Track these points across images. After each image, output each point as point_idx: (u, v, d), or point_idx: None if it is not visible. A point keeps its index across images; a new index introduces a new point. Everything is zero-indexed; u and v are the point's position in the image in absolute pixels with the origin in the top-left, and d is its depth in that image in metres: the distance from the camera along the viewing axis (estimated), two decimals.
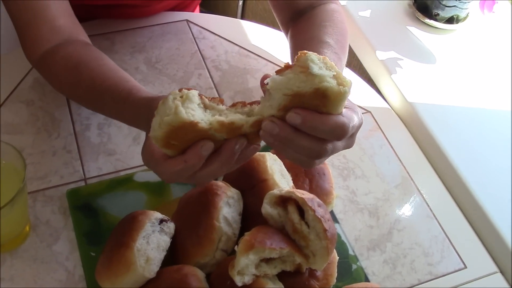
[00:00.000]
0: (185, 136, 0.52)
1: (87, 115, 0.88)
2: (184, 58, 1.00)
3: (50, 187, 0.79)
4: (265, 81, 0.52)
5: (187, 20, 1.07)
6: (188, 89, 0.52)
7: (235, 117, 0.53)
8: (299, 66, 0.51)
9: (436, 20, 1.13)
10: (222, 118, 0.52)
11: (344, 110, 0.53)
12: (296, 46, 0.79)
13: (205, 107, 0.53)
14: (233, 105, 0.54)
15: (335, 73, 0.50)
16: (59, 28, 0.79)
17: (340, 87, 0.50)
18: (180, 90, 0.52)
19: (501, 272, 0.80)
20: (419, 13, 1.15)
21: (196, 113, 0.51)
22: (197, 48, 1.02)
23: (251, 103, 0.55)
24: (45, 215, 0.76)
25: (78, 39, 0.81)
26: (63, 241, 0.74)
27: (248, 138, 0.55)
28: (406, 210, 0.84)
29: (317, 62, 0.50)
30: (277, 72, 0.52)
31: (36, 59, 0.79)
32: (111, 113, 0.76)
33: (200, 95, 0.53)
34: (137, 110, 0.67)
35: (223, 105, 0.54)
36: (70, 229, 0.75)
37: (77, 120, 0.87)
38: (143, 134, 0.86)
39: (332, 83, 0.50)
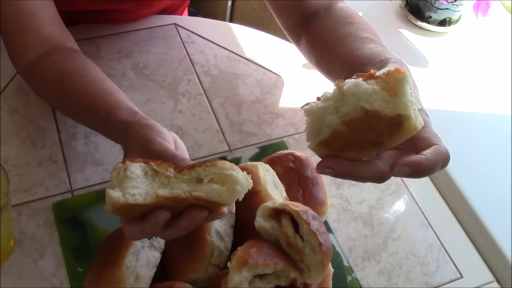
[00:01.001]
0: (138, 208, 0.51)
1: (73, 124, 0.85)
2: (173, 63, 0.98)
3: (35, 199, 0.77)
4: (340, 83, 0.48)
5: (175, 24, 1.05)
6: (132, 160, 0.52)
7: (179, 190, 0.51)
8: (386, 82, 0.46)
9: (428, 22, 1.12)
10: (164, 193, 0.51)
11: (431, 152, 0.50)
12: (326, 47, 0.76)
13: (154, 173, 0.52)
14: (180, 170, 0.53)
15: (420, 107, 0.47)
16: (46, 36, 0.77)
17: (417, 123, 0.47)
18: (124, 162, 0.51)
19: (498, 281, 0.79)
20: (411, 16, 1.13)
21: (137, 190, 0.51)
22: (185, 53, 1.00)
23: (199, 165, 0.53)
24: (30, 229, 0.74)
25: (65, 46, 0.79)
26: (49, 256, 0.72)
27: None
28: (401, 219, 0.83)
29: (410, 86, 0.46)
30: (358, 75, 0.48)
31: (22, 69, 0.78)
32: (93, 128, 0.76)
33: (145, 162, 0.52)
34: (115, 132, 0.67)
35: (173, 169, 0.53)
36: (56, 243, 0.73)
37: (62, 129, 0.85)
38: None
39: (413, 115, 0.46)
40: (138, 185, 0.51)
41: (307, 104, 0.51)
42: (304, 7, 0.81)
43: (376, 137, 0.49)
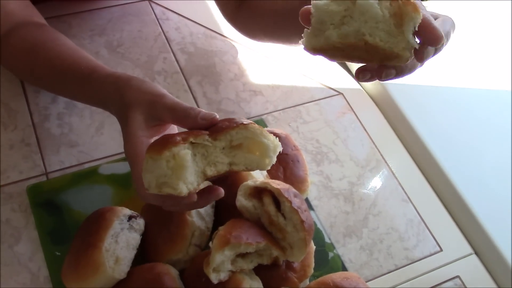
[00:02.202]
0: None
1: (46, 104, 0.83)
2: (148, 41, 0.95)
3: (9, 183, 0.74)
4: None
5: (149, 0, 1.02)
6: (174, 143, 0.50)
7: (222, 166, 0.53)
8: (400, 9, 0.47)
9: None
10: (212, 173, 0.53)
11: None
12: (269, 6, 0.75)
13: (193, 148, 0.52)
14: (215, 136, 0.53)
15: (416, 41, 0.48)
16: (11, 12, 0.75)
17: (410, 57, 0.49)
18: (164, 146, 0.50)
19: (476, 253, 0.80)
20: None
21: (188, 179, 0.51)
22: (160, 30, 0.97)
23: (231, 127, 0.53)
24: (4, 213, 0.71)
25: (32, 21, 0.77)
26: (25, 241, 0.70)
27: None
28: (381, 195, 0.83)
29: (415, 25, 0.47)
30: None
31: None
32: (73, 93, 0.73)
33: (184, 139, 0.51)
34: (101, 87, 0.65)
35: (208, 137, 0.53)
36: (32, 228, 0.71)
37: (35, 110, 0.82)
38: (106, 124, 0.82)
39: (409, 54, 0.48)
40: (189, 177, 0.51)
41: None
42: None
43: (367, 57, 0.50)
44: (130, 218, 0.65)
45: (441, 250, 0.79)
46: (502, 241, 0.79)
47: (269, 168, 0.55)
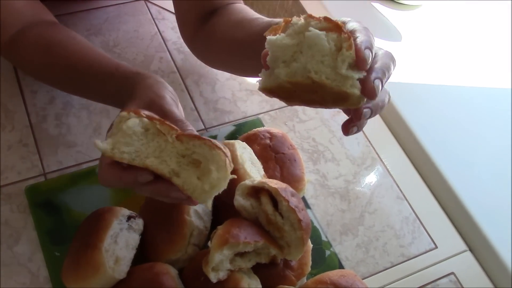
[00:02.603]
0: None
1: (43, 105, 0.83)
2: (144, 40, 0.96)
3: (7, 184, 0.75)
4: (309, 19, 0.47)
5: (144, 0, 1.02)
6: (137, 112, 0.52)
7: (164, 168, 0.52)
8: (342, 42, 0.45)
9: None
10: (151, 165, 0.52)
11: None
12: (225, 37, 0.75)
13: (156, 132, 0.52)
14: (180, 138, 0.53)
15: (362, 76, 0.46)
16: (20, 10, 0.74)
17: (362, 99, 0.46)
18: (129, 111, 0.52)
19: (470, 250, 0.81)
20: None
21: (129, 148, 0.51)
22: (157, 30, 0.98)
23: (198, 137, 0.52)
24: (3, 214, 0.72)
25: (43, 19, 0.77)
26: (24, 241, 0.70)
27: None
28: (376, 192, 0.84)
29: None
30: (326, 19, 0.47)
31: (2, 46, 0.75)
32: (93, 92, 0.73)
33: (151, 118, 0.52)
34: (125, 84, 0.65)
35: (174, 135, 0.53)
36: (31, 228, 0.71)
37: (32, 111, 0.82)
38: (104, 124, 0.83)
39: (358, 92, 0.46)
40: (133, 142, 0.51)
41: (274, 30, 0.49)
42: (203, 6, 0.79)
43: (320, 100, 0.49)
44: (129, 218, 0.65)
45: (436, 247, 0.80)
46: (496, 238, 0.80)
47: (201, 201, 0.53)
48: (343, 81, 0.45)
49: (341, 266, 0.75)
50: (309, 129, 0.89)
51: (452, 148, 0.91)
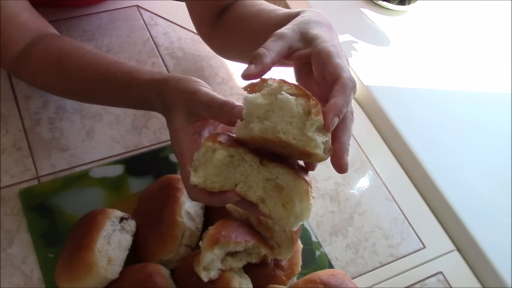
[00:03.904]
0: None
1: (37, 109, 0.84)
2: (136, 46, 0.97)
3: (1, 187, 0.75)
4: (281, 83, 0.50)
5: (137, 6, 1.03)
6: (221, 143, 0.53)
7: (253, 195, 0.54)
8: (309, 109, 0.49)
9: (388, 1, 1.14)
10: (240, 190, 0.54)
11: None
12: (242, 29, 0.75)
13: (240, 158, 0.55)
14: (264, 163, 0.55)
15: (328, 139, 0.50)
16: (25, 24, 0.74)
17: (326, 156, 0.50)
18: (213, 140, 0.53)
19: (458, 249, 0.83)
20: None
21: (218, 177, 0.54)
22: (149, 35, 0.99)
23: (281, 166, 0.54)
24: None
25: (48, 32, 0.77)
26: (18, 243, 0.71)
27: None
28: (366, 194, 0.86)
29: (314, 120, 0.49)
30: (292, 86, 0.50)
31: (11, 61, 0.74)
32: (110, 100, 0.74)
33: (234, 146, 0.54)
34: (143, 92, 0.65)
35: (258, 161, 0.55)
36: (24, 231, 0.72)
37: (26, 115, 0.83)
38: (97, 128, 0.84)
39: (321, 152, 0.49)
40: (221, 171, 0.53)
41: (251, 87, 0.53)
42: (216, 4, 0.79)
43: (287, 154, 0.53)
44: (121, 219, 0.66)
45: (424, 247, 0.81)
46: (483, 238, 0.81)
47: (287, 230, 0.58)
48: (308, 142, 0.49)
49: (331, 266, 0.76)
50: None
51: (439, 150, 0.92)
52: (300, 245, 0.72)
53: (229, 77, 0.96)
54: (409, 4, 1.15)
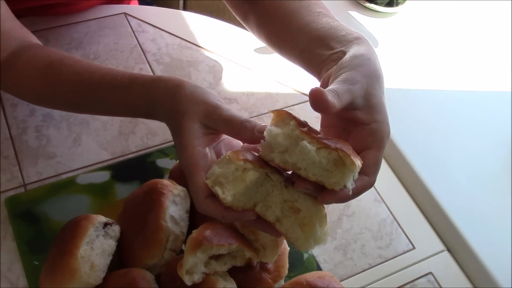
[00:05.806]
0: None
1: (23, 117, 0.84)
2: (124, 53, 0.97)
3: None
4: (306, 136, 0.52)
5: (124, 13, 1.04)
6: (252, 162, 0.54)
7: (270, 215, 0.56)
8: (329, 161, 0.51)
9: (376, 3, 1.14)
10: (259, 210, 0.56)
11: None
12: (278, 21, 0.71)
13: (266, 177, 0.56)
14: (287, 183, 0.56)
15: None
16: (8, 33, 0.73)
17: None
18: (243, 159, 0.54)
19: (448, 250, 0.82)
20: None
21: (245, 197, 0.54)
22: (136, 42, 0.99)
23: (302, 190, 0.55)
24: None
25: (32, 42, 0.75)
26: (3, 251, 0.71)
27: None
28: None
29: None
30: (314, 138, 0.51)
31: None
32: (107, 106, 0.69)
33: (262, 166, 0.55)
34: (147, 93, 0.63)
35: (283, 181, 0.56)
36: (10, 238, 0.72)
37: (12, 123, 0.83)
38: (84, 135, 0.84)
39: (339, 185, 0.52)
40: (247, 191, 0.54)
41: (277, 116, 0.54)
42: None
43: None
44: (105, 225, 0.66)
45: (414, 248, 0.81)
46: (473, 238, 0.81)
47: (302, 250, 0.58)
48: (328, 178, 0.51)
49: (319, 269, 0.76)
50: None
51: (428, 150, 0.92)
52: (287, 247, 0.71)
53: (217, 82, 0.96)
54: (397, 5, 1.15)
